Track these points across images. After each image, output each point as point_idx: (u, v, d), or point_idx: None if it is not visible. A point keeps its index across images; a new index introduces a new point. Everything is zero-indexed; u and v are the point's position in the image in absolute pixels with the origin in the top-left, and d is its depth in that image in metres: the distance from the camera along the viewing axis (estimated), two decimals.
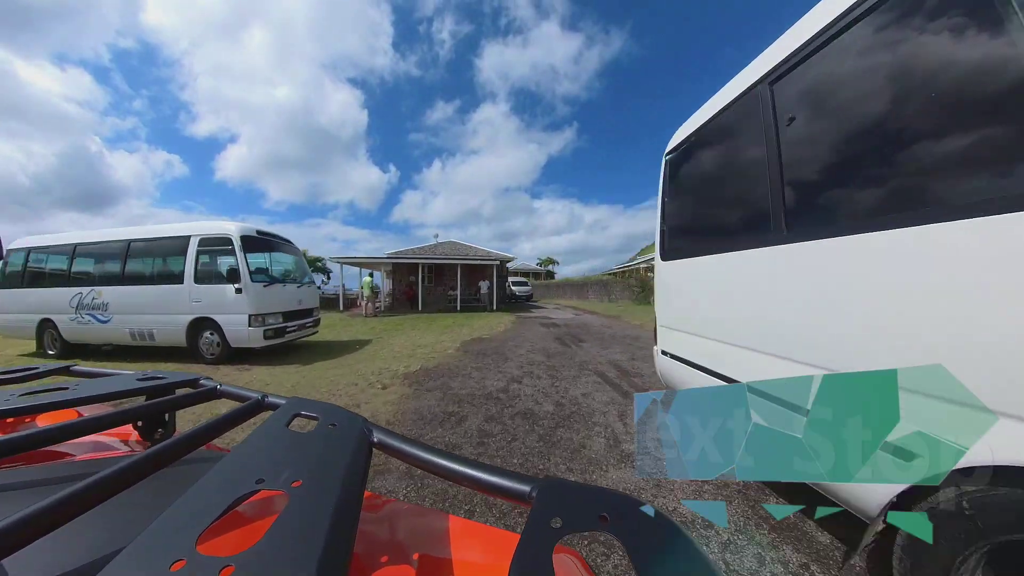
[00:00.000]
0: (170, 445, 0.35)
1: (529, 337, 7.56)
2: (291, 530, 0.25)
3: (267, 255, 7.27)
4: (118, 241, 6.82)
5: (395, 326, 10.13)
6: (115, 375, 0.65)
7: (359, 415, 0.43)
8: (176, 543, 0.23)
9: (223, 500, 0.27)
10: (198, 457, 0.47)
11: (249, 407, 0.48)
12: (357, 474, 0.33)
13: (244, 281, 5.84)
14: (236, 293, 5.84)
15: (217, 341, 6.13)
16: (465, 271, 17.19)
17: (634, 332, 8.03)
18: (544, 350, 6.03)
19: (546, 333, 8.23)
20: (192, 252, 6.22)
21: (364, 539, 0.36)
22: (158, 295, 6.39)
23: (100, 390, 0.54)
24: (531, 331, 8.61)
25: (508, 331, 8.60)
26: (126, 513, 0.35)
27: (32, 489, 0.39)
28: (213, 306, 6.04)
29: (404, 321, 11.41)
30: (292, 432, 0.38)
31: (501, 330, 8.70)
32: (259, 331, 5.86)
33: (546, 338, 7.44)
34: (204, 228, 6.29)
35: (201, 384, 0.60)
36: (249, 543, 0.23)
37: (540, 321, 11.04)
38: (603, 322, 10.36)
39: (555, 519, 0.27)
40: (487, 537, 0.42)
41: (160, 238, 6.60)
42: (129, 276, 6.65)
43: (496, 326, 9.56)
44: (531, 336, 7.72)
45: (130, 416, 0.48)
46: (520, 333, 8.23)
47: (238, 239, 6.01)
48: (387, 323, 10.95)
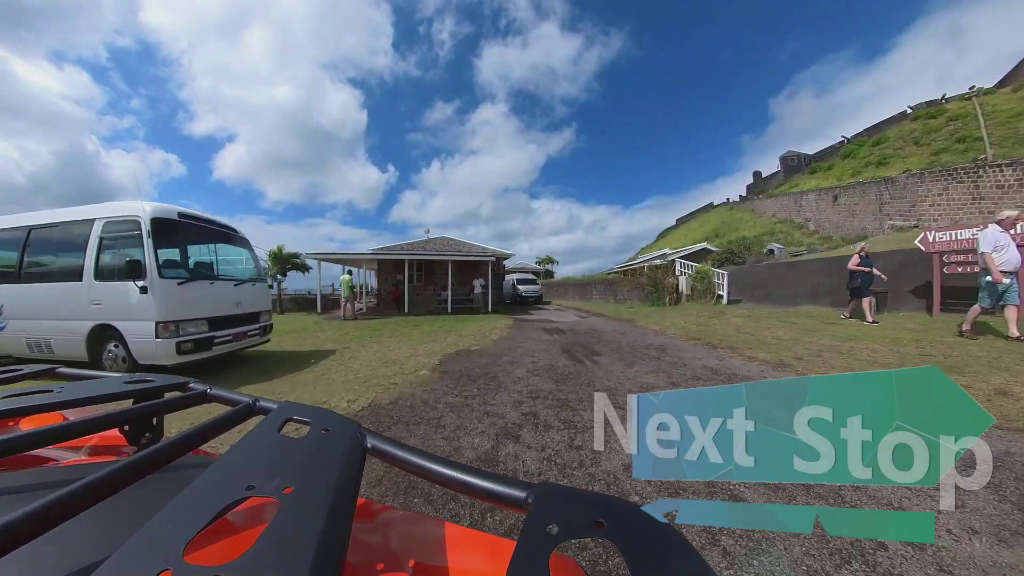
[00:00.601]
0: (158, 450, 0.34)
1: (529, 349, 6.12)
2: (282, 538, 0.24)
3: (204, 247, 5.81)
4: (15, 228, 5.36)
5: (372, 332, 8.69)
6: (102, 378, 0.64)
7: (353, 420, 0.43)
8: (163, 552, 0.22)
9: (212, 507, 0.26)
10: (187, 463, 0.47)
11: (240, 411, 0.48)
12: (350, 480, 0.33)
13: (150, 277, 4.38)
14: (141, 293, 4.39)
15: (123, 356, 4.69)
16: (457, 269, 15.74)
17: (657, 340, 6.63)
18: (551, 370, 4.60)
19: (550, 342, 6.80)
20: (94, 240, 4.77)
21: (358, 547, 0.36)
22: (56, 295, 4.93)
23: (86, 393, 0.52)
24: (531, 339, 7.17)
25: (503, 339, 7.16)
26: (111, 520, 0.34)
27: (14, 495, 0.38)
28: (115, 310, 4.58)
29: (384, 325, 9.96)
30: (284, 437, 0.38)
31: (495, 338, 7.26)
32: (169, 343, 4.40)
33: (551, 350, 6.01)
34: (110, 210, 4.83)
35: (190, 388, 0.60)
36: (239, 552, 0.23)
37: (542, 325, 9.61)
38: (615, 327, 8.94)
39: (551, 525, 0.27)
40: (483, 544, 0.42)
41: (61, 223, 5.14)
42: (28, 272, 5.20)
43: (489, 332, 8.12)
44: (532, 347, 6.28)
45: (117, 420, 0.47)
46: (518, 343, 6.79)
47: (147, 222, 4.55)
48: (364, 328, 9.50)
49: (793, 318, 7.90)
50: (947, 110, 29.26)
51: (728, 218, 37.29)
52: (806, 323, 7.31)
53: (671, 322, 8.62)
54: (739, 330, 7.10)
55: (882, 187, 21.35)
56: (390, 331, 8.74)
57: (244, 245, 6.28)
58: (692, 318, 8.87)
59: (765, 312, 8.99)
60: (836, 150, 36.24)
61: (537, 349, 6.01)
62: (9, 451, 0.35)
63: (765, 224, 29.95)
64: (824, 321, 7.36)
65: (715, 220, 39.56)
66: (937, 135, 26.95)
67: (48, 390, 0.52)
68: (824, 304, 9.38)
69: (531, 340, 7.00)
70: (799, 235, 25.44)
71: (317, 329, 9.59)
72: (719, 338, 6.41)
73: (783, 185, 38.10)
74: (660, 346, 6.04)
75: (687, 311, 10.10)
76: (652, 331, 7.90)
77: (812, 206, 26.84)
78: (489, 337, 7.33)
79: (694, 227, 43.14)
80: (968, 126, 25.93)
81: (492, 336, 7.49)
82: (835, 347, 5.09)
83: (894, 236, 17.35)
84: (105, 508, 0.28)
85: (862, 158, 30.66)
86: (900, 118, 33.26)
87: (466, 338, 7.26)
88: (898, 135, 30.42)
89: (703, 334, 6.91)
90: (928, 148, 26.10)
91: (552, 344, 6.52)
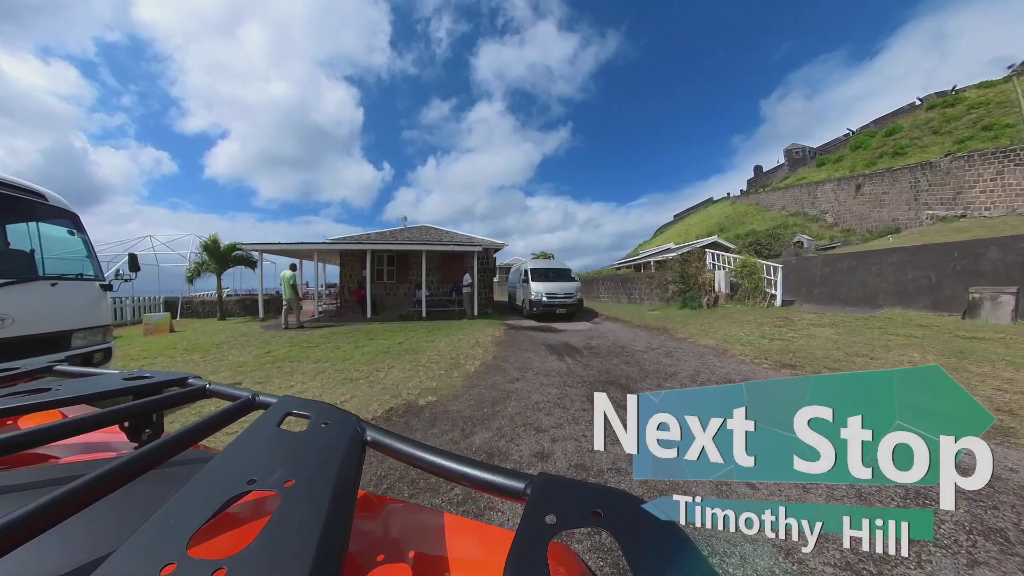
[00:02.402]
0: (158, 446, 0.34)
1: (530, 398, 3.53)
2: (284, 531, 0.24)
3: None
4: None
5: (299, 352, 6.00)
6: (100, 375, 0.63)
7: (351, 413, 0.43)
8: (166, 546, 0.23)
9: (214, 501, 0.26)
10: (188, 458, 0.45)
11: (240, 406, 0.47)
12: (351, 473, 0.33)
13: None
14: None
15: None
16: (436, 263, 13.02)
17: (728, 368, 4.14)
18: (580, 470, 2.02)
19: (562, 375, 4.23)
20: None
21: (359, 538, 0.36)
22: None
23: (85, 390, 0.53)
24: (531, 369, 4.59)
25: (486, 372, 4.55)
26: (114, 517, 0.33)
27: (16, 493, 0.37)
28: None
29: (329, 339, 7.26)
30: (284, 431, 0.38)
31: (472, 369, 4.62)
32: None
33: (569, 396, 3.44)
34: None
35: (190, 383, 0.58)
36: (241, 545, 0.23)
37: (544, 339, 7.00)
38: (647, 340, 6.41)
39: (549, 515, 0.27)
40: (482, 534, 0.42)
41: None
42: None
43: (467, 354, 5.50)
44: (532, 390, 3.70)
45: (116, 416, 0.47)
46: (509, 380, 4.19)
47: None
48: (296, 344, 6.78)
49: (902, 328, 5.46)
50: (965, 98, 27.68)
51: (731, 212, 35.56)
52: (931, 336, 4.85)
53: (725, 333, 6.11)
54: (842, 349, 4.64)
55: (918, 173, 19.16)
56: (328, 351, 6.07)
57: (57, 219, 3.56)
58: (752, 328, 6.37)
59: (845, 317, 6.54)
60: (843, 142, 34.63)
61: (545, 400, 3.33)
62: (9, 449, 0.35)
63: (775, 217, 28.25)
64: (954, 332, 4.93)
65: (717, 214, 37.78)
66: (958, 123, 25.26)
67: (47, 388, 0.52)
68: (920, 307, 7.01)
69: (531, 372, 4.39)
70: (816, 228, 23.60)
71: (235, 345, 6.87)
72: (826, 365, 3.95)
73: (788, 178, 36.46)
74: (747, 375, 3.51)
75: (736, 316, 7.58)
76: (708, 349, 5.38)
77: (829, 197, 24.81)
78: (463, 367, 4.66)
79: (694, 222, 41.13)
80: (993, 113, 24.30)
81: (468, 364, 4.85)
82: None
83: (940, 227, 15.25)
84: (108, 504, 0.29)
85: (875, 148, 29.08)
86: (910, 109, 31.88)
87: (426, 369, 4.58)
88: (913, 124, 28.76)
89: (793, 357, 4.44)
90: (950, 137, 24.25)
91: (567, 381, 3.91)
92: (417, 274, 11.82)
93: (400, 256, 13.05)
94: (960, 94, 29.09)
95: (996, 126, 22.47)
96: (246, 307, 14.35)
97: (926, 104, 30.39)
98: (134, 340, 8.08)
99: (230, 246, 12.41)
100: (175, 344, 7.23)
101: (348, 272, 13.34)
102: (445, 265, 13.19)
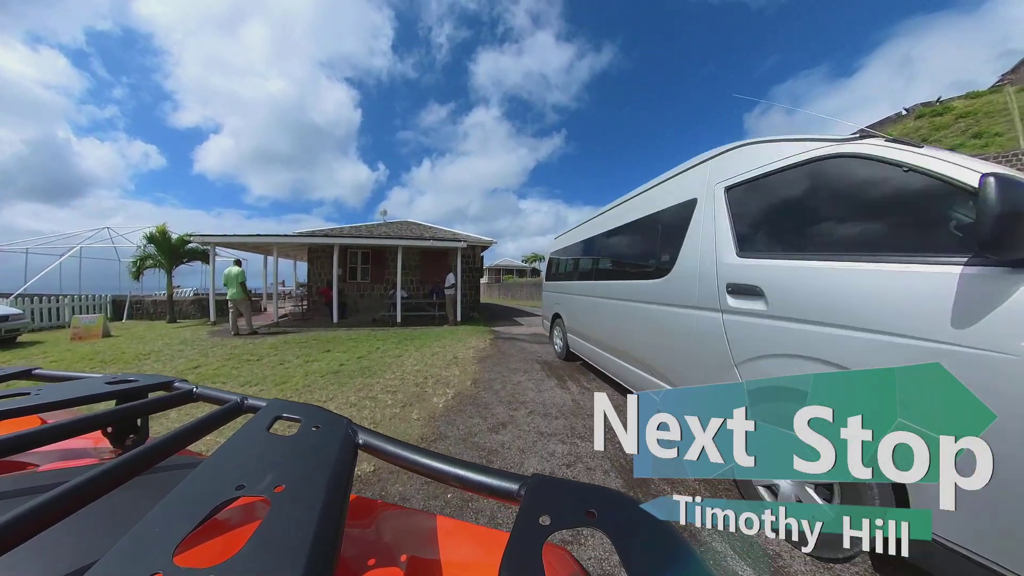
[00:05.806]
0: (143, 452, 0.33)
1: (524, 466, 2.42)
2: (275, 537, 0.24)
3: None
4: None
5: (229, 370, 4.72)
6: (82, 378, 0.60)
7: (343, 416, 0.42)
8: (152, 555, 0.22)
9: (201, 508, 0.26)
10: (174, 464, 0.45)
11: (228, 410, 0.46)
12: (342, 477, 0.32)
13: None
14: None
15: None
16: (415, 261, 11.81)
17: None
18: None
19: (566, 415, 3.14)
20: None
21: (351, 543, 0.35)
22: None
23: (66, 395, 0.50)
24: (523, 405, 3.48)
25: (458, 408, 3.39)
26: (97, 525, 0.33)
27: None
28: None
29: (279, 349, 6.00)
30: (274, 435, 0.37)
31: (440, 406, 3.45)
32: None
33: (581, 459, 2.35)
34: None
35: (176, 387, 0.57)
36: (230, 553, 0.22)
37: (537, 356, 5.90)
38: None
39: (543, 516, 0.27)
40: (476, 536, 0.42)
41: None
42: None
43: (441, 378, 4.34)
44: (528, 451, 2.61)
45: (99, 422, 0.44)
46: (491, 426, 3.08)
47: None
48: (235, 358, 5.52)
49: None
50: (953, 108, 28.05)
51: None
52: None
53: None
54: None
55: None
56: (269, 367, 4.82)
57: None
58: None
59: None
60: None
61: (546, 471, 2.26)
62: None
63: None
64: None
65: None
66: (947, 132, 25.44)
67: (25, 392, 0.50)
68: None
69: (523, 409, 3.25)
70: None
71: (163, 356, 5.56)
72: None
73: None
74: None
75: None
76: None
77: None
78: (428, 401, 3.45)
79: None
80: (981, 122, 24.53)
81: (437, 396, 3.68)
82: None
83: None
84: (90, 513, 0.28)
85: None
86: (896, 119, 32.41)
87: (375, 404, 3.36)
88: (903, 132, 28.97)
89: None
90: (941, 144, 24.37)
91: (575, 428, 2.80)
92: (393, 273, 10.58)
93: (376, 253, 11.78)
94: (946, 104, 29.50)
95: (986, 134, 22.60)
96: (203, 308, 12.80)
97: (914, 113, 30.79)
98: (55, 346, 6.70)
99: (182, 238, 10.91)
100: (95, 354, 5.88)
101: (317, 270, 11.99)
102: (426, 263, 11.99)
